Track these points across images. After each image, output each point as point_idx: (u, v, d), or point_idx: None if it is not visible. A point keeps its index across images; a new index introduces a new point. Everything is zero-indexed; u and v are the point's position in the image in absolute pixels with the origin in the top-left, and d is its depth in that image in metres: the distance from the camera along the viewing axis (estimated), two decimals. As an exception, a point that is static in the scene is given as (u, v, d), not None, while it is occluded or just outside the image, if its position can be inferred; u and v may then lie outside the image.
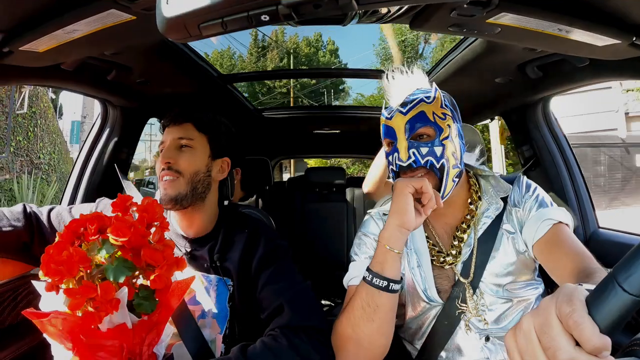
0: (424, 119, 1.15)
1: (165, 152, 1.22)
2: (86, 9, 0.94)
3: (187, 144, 1.24)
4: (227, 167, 1.34)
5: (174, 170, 1.20)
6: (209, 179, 1.27)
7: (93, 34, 1.04)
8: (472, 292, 1.18)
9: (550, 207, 1.18)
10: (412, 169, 1.15)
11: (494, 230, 1.22)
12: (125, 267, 0.85)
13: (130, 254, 0.88)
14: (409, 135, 1.15)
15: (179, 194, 1.19)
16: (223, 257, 1.23)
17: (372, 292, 1.03)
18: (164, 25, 0.72)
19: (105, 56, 1.39)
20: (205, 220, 1.29)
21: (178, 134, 1.24)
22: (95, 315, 0.81)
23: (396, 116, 1.18)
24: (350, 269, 1.24)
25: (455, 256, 1.22)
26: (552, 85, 1.70)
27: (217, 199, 1.34)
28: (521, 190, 1.25)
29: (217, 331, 1.20)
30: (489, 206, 1.24)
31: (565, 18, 0.96)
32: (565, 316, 0.47)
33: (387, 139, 1.22)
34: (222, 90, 2.23)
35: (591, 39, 1.04)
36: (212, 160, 1.28)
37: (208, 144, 1.28)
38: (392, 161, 1.19)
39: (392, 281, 1.03)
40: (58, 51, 1.13)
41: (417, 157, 1.14)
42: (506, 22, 0.97)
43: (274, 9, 0.66)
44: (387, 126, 1.21)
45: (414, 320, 1.26)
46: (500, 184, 1.27)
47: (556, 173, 1.90)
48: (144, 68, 1.60)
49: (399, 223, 1.04)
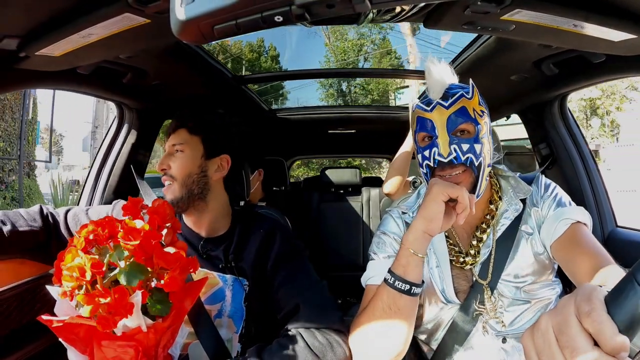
0: (466, 114, 1.12)
1: (162, 159, 1.27)
2: (100, 13, 0.95)
3: (179, 149, 1.27)
4: (227, 165, 1.33)
5: (169, 176, 1.25)
6: (205, 179, 1.28)
7: (108, 37, 1.05)
8: (490, 293, 1.17)
9: (568, 207, 1.17)
10: (451, 166, 1.12)
11: (513, 231, 1.20)
12: (138, 271, 0.86)
13: (142, 257, 0.88)
14: (450, 130, 1.12)
15: (175, 197, 1.23)
16: (238, 257, 1.25)
17: (394, 295, 1.02)
18: (178, 28, 0.72)
19: (121, 59, 1.40)
20: (214, 220, 1.30)
21: (173, 140, 1.29)
22: (110, 319, 0.81)
23: (437, 109, 1.13)
24: (369, 268, 1.23)
25: (474, 256, 1.21)
26: (568, 82, 1.67)
27: (226, 198, 1.35)
28: (540, 190, 1.23)
29: (233, 330, 1.21)
30: (508, 207, 1.22)
31: (580, 13, 0.94)
32: (584, 315, 0.46)
33: (423, 132, 1.17)
34: (236, 91, 2.23)
35: (607, 34, 1.02)
36: (206, 160, 1.29)
37: (201, 145, 1.29)
38: (430, 156, 1.14)
39: (414, 285, 1.01)
40: (74, 55, 1.15)
41: (459, 153, 1.10)
42: (520, 18, 0.96)
43: (287, 9, 0.66)
44: (424, 119, 1.16)
45: (431, 321, 1.25)
46: (520, 185, 1.25)
47: (573, 171, 1.87)
48: (158, 71, 1.61)
49: (425, 229, 1.02)
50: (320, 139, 3.99)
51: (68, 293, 0.84)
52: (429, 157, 1.14)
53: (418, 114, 1.18)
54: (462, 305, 1.19)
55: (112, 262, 0.86)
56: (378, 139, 3.80)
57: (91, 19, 0.97)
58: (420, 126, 1.17)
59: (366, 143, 4.14)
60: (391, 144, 2.85)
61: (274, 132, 3.45)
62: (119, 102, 1.93)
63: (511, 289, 1.16)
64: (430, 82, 1.17)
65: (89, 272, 0.82)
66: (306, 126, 3.39)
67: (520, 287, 1.16)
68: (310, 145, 4.41)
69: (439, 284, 1.21)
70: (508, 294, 1.16)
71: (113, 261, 0.86)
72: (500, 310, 1.16)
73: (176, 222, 1.03)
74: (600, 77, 1.54)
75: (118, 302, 0.81)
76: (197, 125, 1.31)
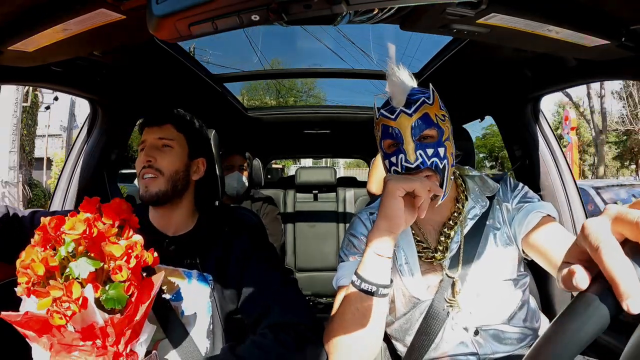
0: (429, 121, 1.14)
1: (147, 150, 1.26)
2: (76, 9, 0.93)
3: (167, 144, 1.28)
4: (203, 167, 1.36)
5: (155, 169, 1.24)
6: (188, 177, 1.31)
7: (82, 33, 1.03)
8: (460, 286, 1.19)
9: (538, 202, 1.22)
10: (418, 171, 1.13)
11: (480, 227, 1.24)
12: (89, 262, 0.85)
13: (92, 249, 0.88)
14: (415, 136, 1.14)
15: (159, 191, 1.23)
16: (203, 254, 1.25)
17: (362, 297, 1.02)
18: (154, 25, 0.72)
19: (95, 56, 1.38)
20: (184, 218, 1.32)
21: (158, 134, 1.28)
22: (62, 314, 0.81)
23: (401, 117, 1.15)
24: (339, 269, 1.24)
25: (442, 251, 1.23)
26: (541, 85, 1.71)
27: (194, 197, 1.37)
28: (508, 187, 1.29)
29: (200, 327, 1.20)
30: (475, 204, 1.26)
31: (554, 18, 0.97)
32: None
33: (389, 140, 1.19)
34: (213, 91, 2.22)
35: (580, 39, 1.05)
36: (190, 160, 1.32)
37: (187, 144, 1.32)
38: (397, 162, 1.16)
39: (381, 286, 1.02)
40: (47, 51, 1.13)
41: (424, 158, 1.12)
42: (496, 22, 0.97)
43: (265, 9, 0.66)
44: (389, 127, 1.17)
45: (403, 317, 1.26)
46: (487, 184, 1.30)
47: (546, 172, 1.91)
48: (134, 68, 1.60)
49: (388, 227, 1.02)
50: (296, 139, 4.00)
51: (24, 290, 0.84)
52: (396, 163, 1.16)
53: (383, 122, 1.19)
54: (432, 300, 1.21)
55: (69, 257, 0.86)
56: (353, 139, 3.82)
57: (66, 14, 0.95)
58: (386, 134, 1.19)
59: (342, 144, 4.15)
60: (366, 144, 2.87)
61: (250, 132, 3.44)
62: (92, 100, 1.88)
63: (480, 282, 1.19)
64: (392, 89, 1.18)
65: (41, 268, 0.82)
66: (281, 126, 3.40)
67: (490, 280, 1.19)
68: (287, 146, 4.41)
69: (409, 280, 1.23)
70: (477, 287, 1.19)
71: (64, 254, 0.85)
72: (471, 303, 1.19)
73: (133, 218, 1.02)
74: (574, 81, 1.58)
75: (69, 295, 0.80)
76: (183, 124, 1.33)
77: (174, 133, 1.29)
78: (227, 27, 0.70)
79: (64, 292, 0.81)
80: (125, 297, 0.89)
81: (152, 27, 0.72)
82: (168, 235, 1.30)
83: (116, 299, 0.87)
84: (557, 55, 1.33)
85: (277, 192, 3.65)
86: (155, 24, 0.71)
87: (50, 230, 0.87)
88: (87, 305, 0.83)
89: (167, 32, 0.73)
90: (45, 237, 0.88)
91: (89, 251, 0.88)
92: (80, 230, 0.86)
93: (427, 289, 1.23)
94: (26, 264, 0.83)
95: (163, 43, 1.49)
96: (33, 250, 0.85)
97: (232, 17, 0.67)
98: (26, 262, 0.83)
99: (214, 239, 1.29)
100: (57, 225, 0.87)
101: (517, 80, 1.68)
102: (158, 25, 0.71)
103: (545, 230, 1.13)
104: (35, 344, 0.87)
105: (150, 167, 1.24)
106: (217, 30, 0.72)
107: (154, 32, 0.73)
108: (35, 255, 0.83)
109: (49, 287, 0.81)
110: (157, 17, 0.70)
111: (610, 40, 1.03)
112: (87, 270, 0.84)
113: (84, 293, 0.83)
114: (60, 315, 0.81)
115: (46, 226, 0.87)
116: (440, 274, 1.23)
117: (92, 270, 0.85)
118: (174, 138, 1.29)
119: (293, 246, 3.47)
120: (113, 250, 0.88)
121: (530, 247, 1.16)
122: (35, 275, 0.82)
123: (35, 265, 0.82)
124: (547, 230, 1.13)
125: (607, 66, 1.25)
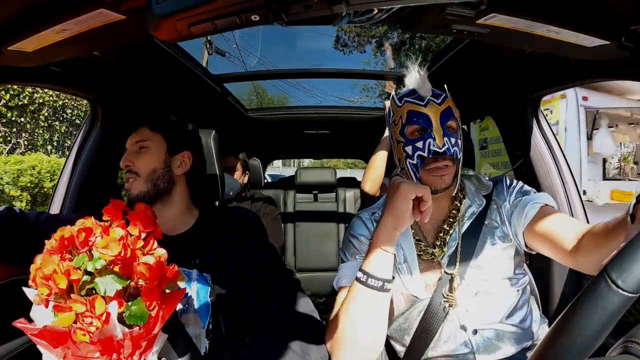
0: (452, 113, 1.22)
1: (125, 156, 1.30)
2: (75, 9, 0.93)
3: (143, 146, 1.30)
4: (189, 160, 1.36)
5: (133, 172, 1.27)
6: (170, 173, 1.31)
7: (82, 33, 1.03)
8: (458, 284, 1.20)
9: (534, 194, 1.26)
10: (444, 156, 1.18)
11: (478, 225, 1.26)
12: (116, 280, 0.84)
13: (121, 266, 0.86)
14: (442, 124, 1.19)
15: (140, 192, 1.25)
16: (202, 253, 1.25)
17: (367, 293, 1.05)
18: (154, 25, 0.72)
19: (95, 56, 1.37)
20: (179, 215, 1.33)
21: (135, 138, 1.31)
22: (86, 331, 0.79)
23: (431, 105, 1.20)
24: (340, 270, 1.25)
25: (440, 246, 1.25)
26: (541, 85, 1.71)
27: (189, 193, 1.37)
28: (504, 186, 1.31)
29: (200, 326, 1.20)
30: (471, 203, 1.30)
31: (554, 19, 0.97)
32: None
33: (414, 125, 1.21)
34: (213, 91, 2.22)
35: (580, 39, 1.05)
36: (170, 156, 1.32)
37: (164, 141, 1.32)
38: (424, 147, 1.18)
39: (386, 280, 1.05)
40: (47, 51, 1.12)
41: (449, 145, 1.18)
42: (496, 23, 0.97)
43: (265, 9, 0.66)
44: (418, 112, 1.21)
45: (402, 316, 1.27)
46: (482, 183, 1.34)
47: (546, 172, 1.91)
48: (134, 68, 1.59)
49: (394, 225, 1.07)
50: (296, 140, 3.99)
51: (43, 301, 0.82)
52: (422, 148, 1.19)
53: (410, 108, 1.22)
54: (431, 298, 1.21)
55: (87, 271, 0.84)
56: (352, 140, 3.82)
57: (66, 14, 0.95)
58: (412, 120, 1.21)
59: (342, 144, 4.15)
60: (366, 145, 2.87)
61: (250, 132, 3.44)
62: (92, 100, 1.88)
63: (477, 280, 1.20)
64: (419, 83, 1.25)
65: (64, 280, 0.80)
66: (281, 126, 3.41)
67: (486, 279, 1.20)
68: (287, 146, 4.41)
69: (408, 278, 1.24)
70: (475, 285, 1.20)
71: (90, 269, 0.83)
72: (469, 301, 1.20)
73: (157, 229, 1.01)
74: (574, 81, 1.59)
75: (93, 312, 0.78)
76: (157, 123, 1.34)
77: (148, 134, 1.31)
78: (227, 27, 0.70)
79: (87, 307, 0.79)
80: (147, 313, 0.88)
81: (152, 27, 0.72)
82: (167, 235, 1.29)
83: (139, 315, 0.86)
84: (557, 55, 1.33)
85: (277, 193, 3.65)
86: (155, 24, 0.71)
87: (78, 243, 0.85)
88: (109, 321, 0.81)
89: (167, 32, 0.73)
90: (62, 244, 0.85)
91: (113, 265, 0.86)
92: (115, 252, 0.84)
93: (426, 287, 1.23)
94: (47, 275, 0.80)
95: (163, 43, 1.49)
96: (51, 258, 0.82)
97: (232, 17, 0.68)
98: (47, 273, 0.80)
99: (213, 239, 1.29)
100: (86, 238, 0.86)
101: (517, 80, 1.68)
102: (158, 25, 0.71)
103: (545, 218, 1.15)
104: (47, 351, 0.86)
105: (129, 171, 1.27)
106: (217, 30, 0.72)
107: (154, 32, 0.73)
108: (56, 266, 0.80)
109: (71, 301, 0.79)
110: (157, 17, 0.70)
111: (610, 41, 1.03)
112: (114, 288, 0.82)
113: (107, 309, 0.81)
114: (84, 332, 0.79)
115: (74, 237, 0.85)
116: (438, 272, 1.24)
117: (119, 288, 0.83)
118: (148, 138, 1.30)
119: (293, 246, 3.47)
120: (144, 271, 0.87)
121: (534, 237, 1.17)
122: (57, 287, 0.80)
123: (57, 277, 0.80)
124: (547, 217, 1.15)
125: (607, 66, 1.25)
